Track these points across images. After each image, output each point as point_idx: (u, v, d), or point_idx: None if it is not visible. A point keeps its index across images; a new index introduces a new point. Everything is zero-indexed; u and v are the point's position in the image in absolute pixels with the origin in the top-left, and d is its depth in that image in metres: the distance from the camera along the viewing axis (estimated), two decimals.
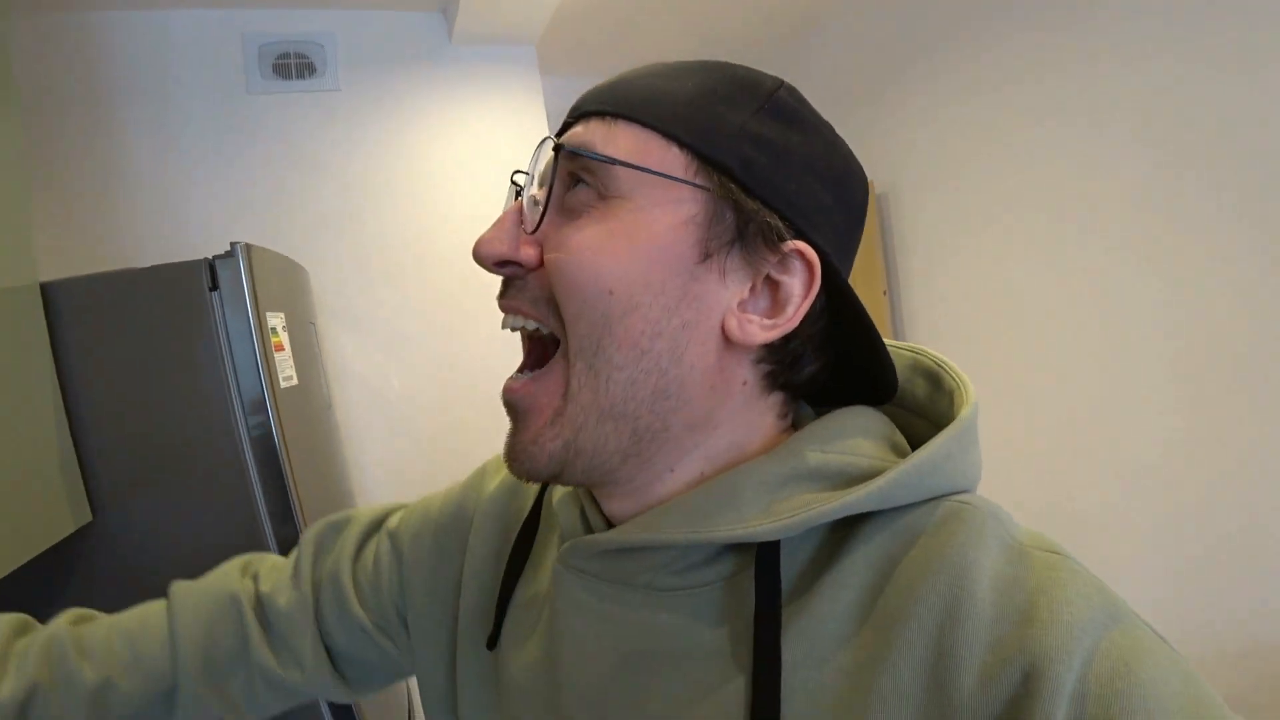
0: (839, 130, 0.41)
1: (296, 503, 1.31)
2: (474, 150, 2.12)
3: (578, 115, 0.40)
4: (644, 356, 0.36)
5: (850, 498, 0.34)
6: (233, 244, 1.28)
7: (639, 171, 0.36)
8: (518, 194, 0.42)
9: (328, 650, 0.53)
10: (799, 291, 0.37)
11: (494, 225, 0.40)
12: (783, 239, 0.36)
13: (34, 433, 1.06)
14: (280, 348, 1.39)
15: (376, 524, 0.57)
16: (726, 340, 0.37)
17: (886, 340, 0.42)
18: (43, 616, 0.53)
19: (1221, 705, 0.28)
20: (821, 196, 0.38)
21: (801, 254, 0.37)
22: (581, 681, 0.39)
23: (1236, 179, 1.41)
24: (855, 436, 0.38)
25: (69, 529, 1.09)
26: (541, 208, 0.38)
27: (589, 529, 0.42)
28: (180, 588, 0.54)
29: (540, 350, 0.41)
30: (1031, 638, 0.29)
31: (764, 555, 0.35)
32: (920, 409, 0.41)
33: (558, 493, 0.46)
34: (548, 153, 0.39)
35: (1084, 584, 0.31)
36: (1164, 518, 1.63)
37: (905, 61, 2.16)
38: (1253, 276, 1.41)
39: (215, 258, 1.29)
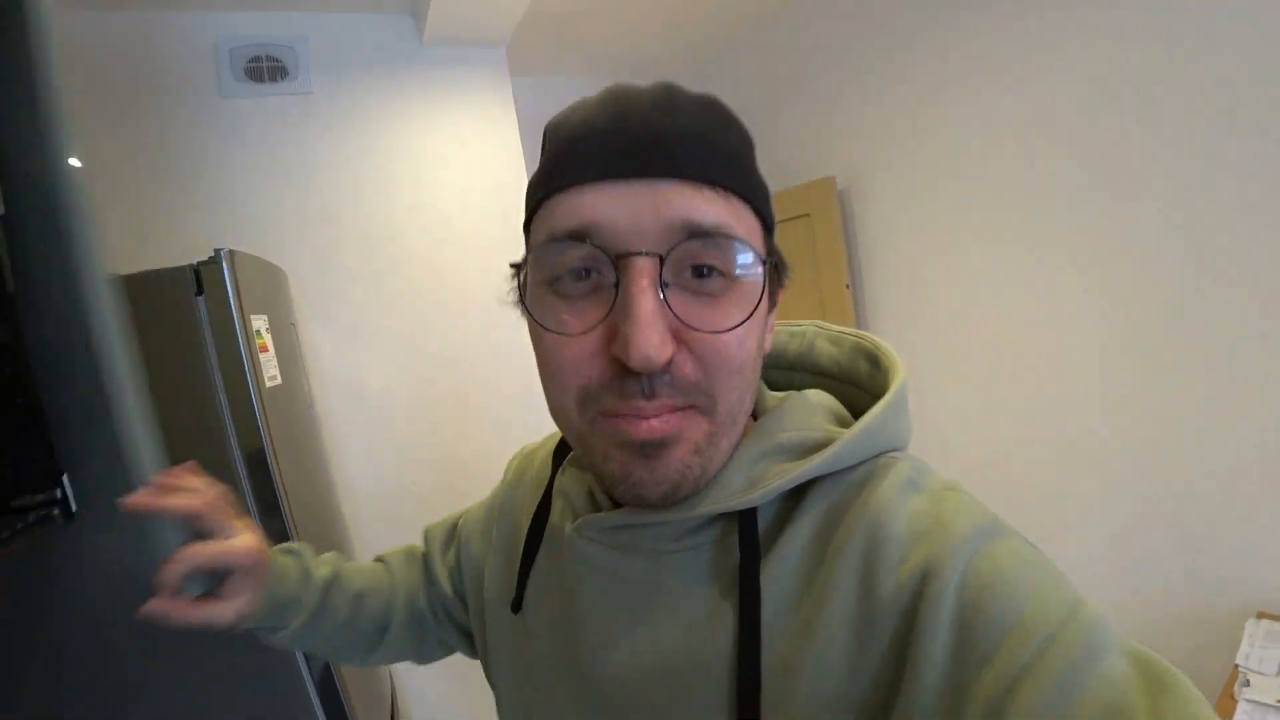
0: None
1: (283, 496, 1.37)
2: (446, 151, 2.16)
3: (667, 169, 0.38)
4: (750, 400, 0.44)
5: (809, 465, 0.41)
6: (216, 250, 1.32)
7: (756, 255, 0.40)
8: (624, 258, 0.38)
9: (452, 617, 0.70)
10: (777, 297, 0.47)
11: (646, 327, 0.37)
12: (783, 268, 0.45)
13: None
14: (264, 349, 1.44)
15: (451, 525, 0.72)
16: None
17: (833, 325, 0.53)
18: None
19: (1068, 587, 0.35)
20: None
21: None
22: (597, 630, 0.47)
23: (1164, 182, 1.52)
24: (808, 416, 0.46)
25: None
26: (687, 304, 0.39)
27: (595, 506, 0.50)
28: (389, 553, 0.73)
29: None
30: (929, 550, 0.37)
31: (744, 517, 0.43)
32: (864, 385, 0.49)
33: (566, 475, 0.55)
34: (670, 223, 0.38)
35: (971, 509, 0.39)
36: (1099, 486, 1.76)
37: (866, 57, 2.24)
38: (1172, 268, 1.53)
39: (200, 264, 1.33)
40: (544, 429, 0.59)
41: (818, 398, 0.48)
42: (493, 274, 2.16)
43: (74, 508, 0.73)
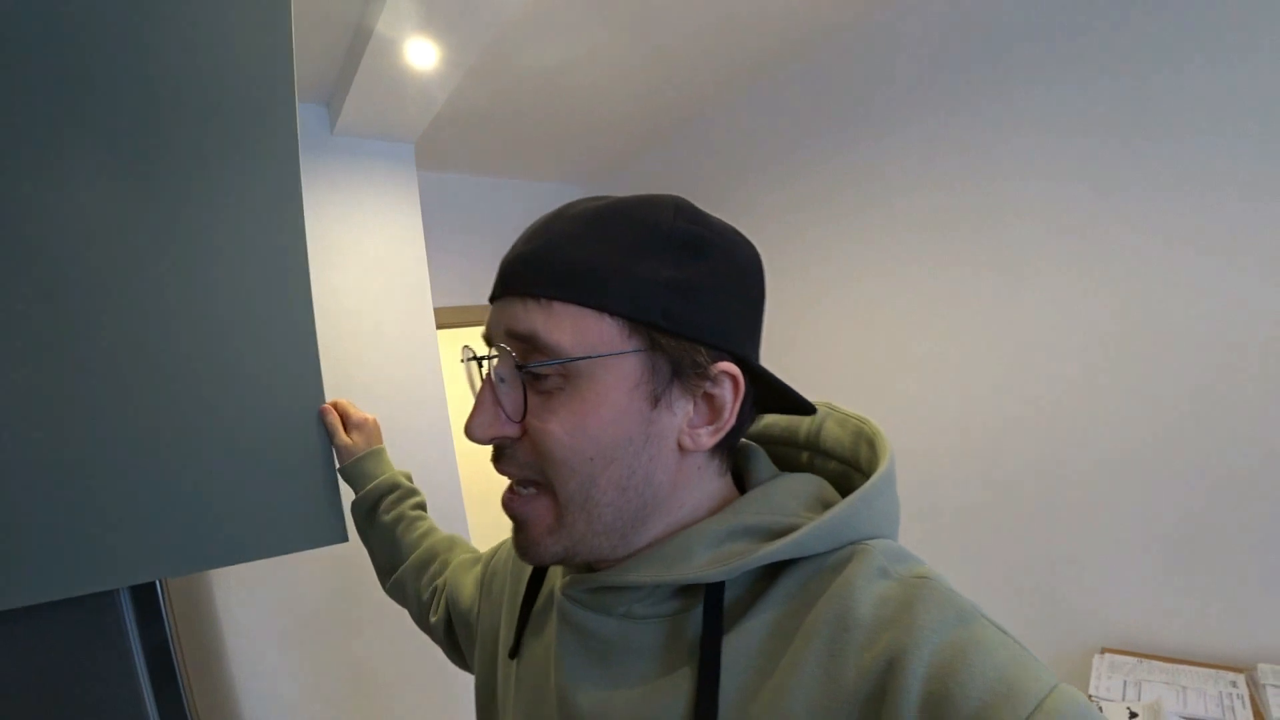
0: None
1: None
2: (348, 239, 2.17)
3: (507, 289, 0.46)
4: (625, 492, 0.45)
5: (771, 548, 0.42)
6: None
7: (570, 357, 0.43)
8: (474, 360, 0.50)
9: (449, 616, 0.79)
10: (730, 398, 0.46)
11: (477, 408, 0.46)
12: (709, 365, 0.45)
13: None
14: None
15: (479, 557, 0.83)
16: (682, 450, 0.46)
17: (844, 409, 0.54)
18: None
19: (1038, 669, 0.35)
20: (731, 307, 0.46)
21: (725, 371, 0.45)
22: (570, 677, 0.49)
23: (991, 269, 1.86)
24: (785, 500, 0.47)
25: None
26: (522, 402, 0.45)
27: (587, 566, 0.53)
28: (436, 529, 0.93)
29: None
30: (894, 638, 0.37)
31: (711, 592, 0.44)
32: (863, 468, 0.50)
33: None
34: (509, 317, 0.46)
35: (939, 597, 0.39)
36: (991, 493, 1.99)
37: (741, 174, 2.57)
38: (995, 330, 1.84)
39: None
40: (453, 516, 0.66)
41: (799, 483, 0.49)
42: (389, 366, 2.15)
43: None
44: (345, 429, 0.90)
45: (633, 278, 0.43)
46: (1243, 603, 1.45)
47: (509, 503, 0.48)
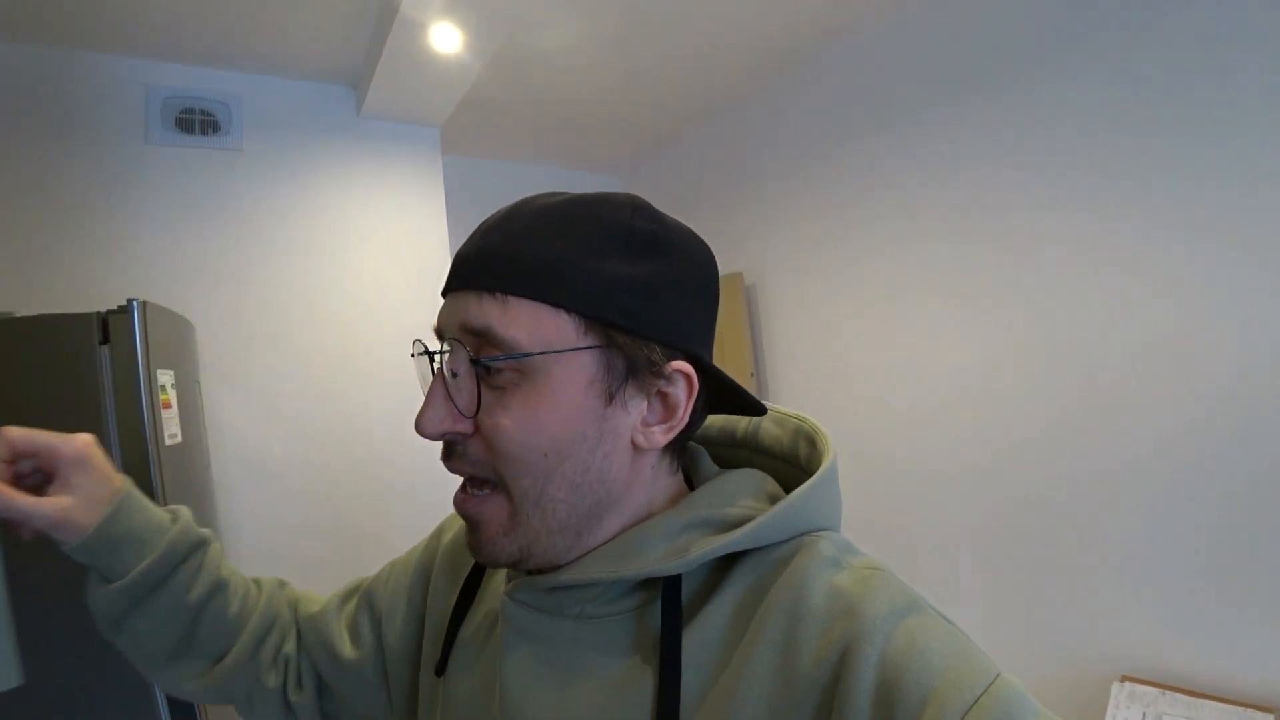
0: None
1: None
2: (371, 221, 2.18)
3: (463, 283, 0.45)
4: (578, 489, 0.44)
5: (728, 538, 0.43)
6: (129, 300, 1.28)
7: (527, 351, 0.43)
8: (426, 354, 0.49)
9: (319, 687, 0.63)
10: (684, 397, 0.45)
11: (428, 403, 0.45)
12: (663, 363, 0.44)
13: None
14: (168, 405, 1.38)
15: (356, 587, 0.67)
16: (636, 448, 0.46)
17: (781, 408, 0.55)
18: None
19: (983, 659, 0.37)
20: (687, 306, 0.46)
21: (679, 370, 0.45)
22: (519, 690, 0.47)
23: (1011, 257, 1.81)
24: (738, 493, 0.47)
25: None
26: (475, 396, 0.44)
27: (529, 572, 0.51)
28: (265, 578, 0.67)
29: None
30: (848, 627, 0.38)
31: (669, 586, 0.44)
32: (802, 465, 0.51)
33: None
34: (461, 314, 0.44)
35: (890, 587, 0.40)
36: (973, 564, 1.92)
37: (771, 163, 2.50)
38: (1049, 360, 1.77)
39: (109, 312, 1.28)
40: (445, 505, 0.56)
41: (748, 477, 0.50)
42: (406, 348, 2.15)
43: None
44: (51, 480, 0.52)
45: (591, 274, 0.43)
46: (1277, 639, 1.37)
47: (462, 503, 0.47)
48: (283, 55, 1.97)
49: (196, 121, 1.92)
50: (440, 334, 0.47)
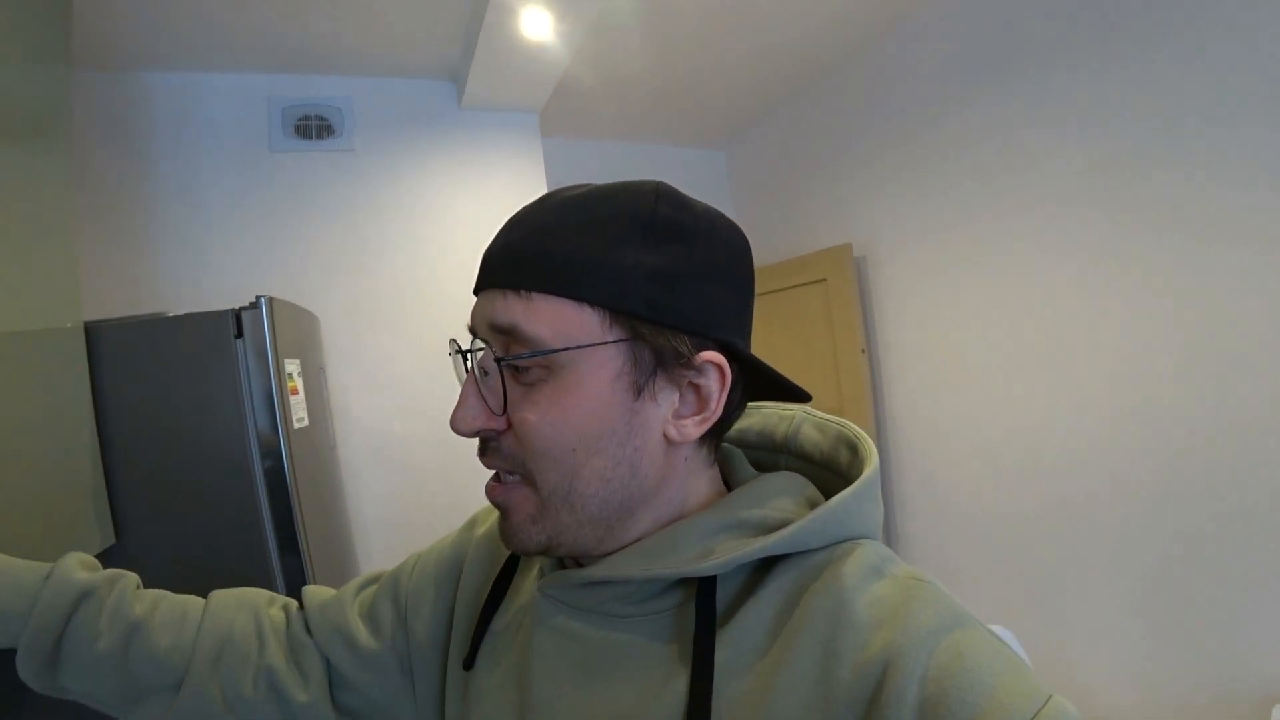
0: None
1: (302, 534, 1.40)
2: (477, 208, 2.26)
3: (489, 282, 0.45)
4: (609, 483, 0.44)
5: (766, 542, 0.42)
6: (257, 297, 1.40)
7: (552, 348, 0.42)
8: (460, 353, 0.50)
9: (331, 678, 0.60)
10: (716, 388, 0.45)
11: (461, 401, 0.46)
12: (693, 354, 0.44)
13: (70, 459, 1.14)
14: (295, 391, 1.50)
15: (374, 577, 0.66)
16: (669, 441, 0.45)
17: (825, 413, 0.53)
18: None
19: (1033, 680, 0.35)
20: (716, 294, 0.45)
21: (710, 361, 0.44)
22: (546, 688, 0.47)
23: (1181, 229, 1.56)
24: (777, 496, 0.46)
25: (95, 549, 1.16)
26: (502, 394, 0.44)
27: (562, 565, 0.51)
28: (217, 591, 0.63)
29: None
30: (890, 640, 0.37)
31: (703, 587, 0.43)
32: (843, 472, 0.49)
33: None
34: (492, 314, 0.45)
35: (935, 599, 0.39)
36: (1117, 561, 1.74)
37: (890, 131, 2.33)
38: (1197, 336, 1.55)
39: (241, 309, 1.40)
40: None
41: (787, 481, 0.48)
42: None
43: None
44: None
45: (613, 267, 0.42)
46: None
47: (492, 490, 0.48)
48: (387, 56, 2.06)
49: (313, 127, 2.06)
50: (473, 332, 0.48)
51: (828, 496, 0.46)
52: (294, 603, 0.66)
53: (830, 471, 0.51)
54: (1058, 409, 1.86)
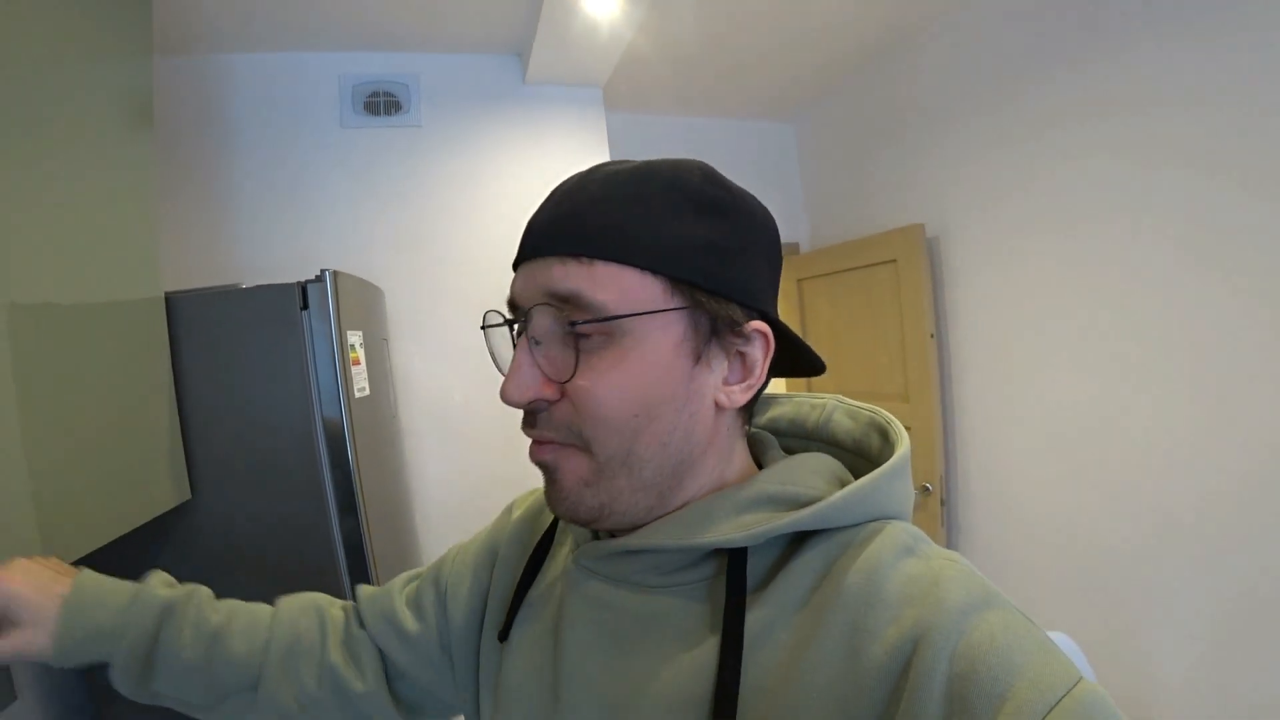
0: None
1: (360, 498, 1.48)
2: (541, 183, 2.27)
3: (541, 250, 0.45)
4: (666, 447, 0.45)
5: (797, 516, 0.43)
6: (322, 270, 1.46)
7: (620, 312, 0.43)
8: (505, 324, 0.49)
9: (386, 668, 0.64)
10: (760, 355, 0.47)
11: (514, 371, 0.45)
12: (744, 323, 0.46)
13: (149, 419, 1.24)
14: (357, 362, 1.57)
15: (417, 573, 0.69)
16: (718, 408, 0.47)
17: (858, 402, 0.54)
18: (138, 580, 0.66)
19: (1068, 664, 0.35)
20: (760, 267, 0.47)
21: (757, 329, 0.46)
22: (578, 655, 0.49)
23: (1266, 223, 1.43)
24: (806, 473, 0.47)
25: (171, 504, 1.27)
26: (572, 361, 0.44)
27: (596, 537, 0.53)
28: (284, 597, 0.68)
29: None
30: (922, 617, 0.37)
31: (734, 558, 0.44)
32: (874, 458, 0.50)
33: None
34: (538, 285, 0.45)
35: (967, 579, 0.39)
36: (1195, 565, 1.63)
37: (963, 110, 2.20)
38: (1265, 317, 1.42)
39: (307, 282, 1.47)
40: None
41: (818, 461, 0.49)
42: None
43: None
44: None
45: (672, 236, 0.44)
46: None
47: (538, 452, 0.48)
48: (453, 32, 2.09)
49: (381, 103, 2.12)
50: (514, 304, 0.48)
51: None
52: (352, 604, 0.70)
53: (861, 457, 0.52)
54: (1136, 410, 1.74)
